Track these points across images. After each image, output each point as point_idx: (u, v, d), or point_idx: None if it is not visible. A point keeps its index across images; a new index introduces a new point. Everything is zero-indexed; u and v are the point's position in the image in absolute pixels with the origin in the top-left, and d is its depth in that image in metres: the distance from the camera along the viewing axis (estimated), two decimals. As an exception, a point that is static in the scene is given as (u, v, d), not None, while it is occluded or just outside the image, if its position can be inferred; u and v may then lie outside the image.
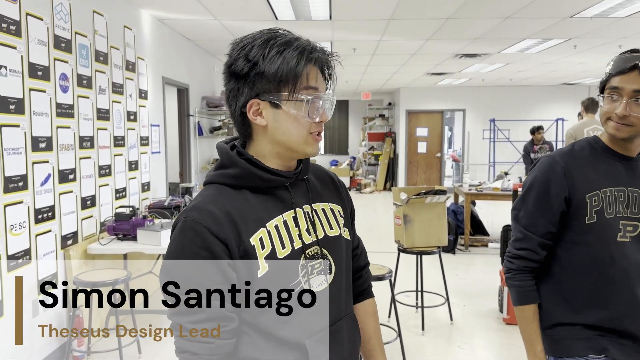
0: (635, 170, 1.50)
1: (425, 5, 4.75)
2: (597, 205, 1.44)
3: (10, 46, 2.89)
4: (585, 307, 1.46)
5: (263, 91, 1.01)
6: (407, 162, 12.61)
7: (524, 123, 10.74)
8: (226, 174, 1.06)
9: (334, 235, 1.13)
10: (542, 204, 1.48)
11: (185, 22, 5.39)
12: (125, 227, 3.75)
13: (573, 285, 1.48)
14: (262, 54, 1.00)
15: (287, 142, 1.05)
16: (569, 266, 1.49)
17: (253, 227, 1.01)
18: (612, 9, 4.87)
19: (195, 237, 0.97)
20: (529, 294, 1.51)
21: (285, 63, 0.99)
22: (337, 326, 1.10)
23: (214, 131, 7.03)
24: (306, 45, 1.02)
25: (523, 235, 1.51)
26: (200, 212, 0.99)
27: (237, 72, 1.02)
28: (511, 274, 1.53)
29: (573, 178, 1.45)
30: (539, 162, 1.54)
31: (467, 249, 6.50)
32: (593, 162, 1.49)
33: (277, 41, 1.01)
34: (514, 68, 8.96)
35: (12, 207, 2.92)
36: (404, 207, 4.06)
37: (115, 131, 4.21)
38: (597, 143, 1.52)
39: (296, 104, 1.02)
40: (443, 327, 4.08)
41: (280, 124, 1.03)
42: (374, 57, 7.69)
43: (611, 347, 1.44)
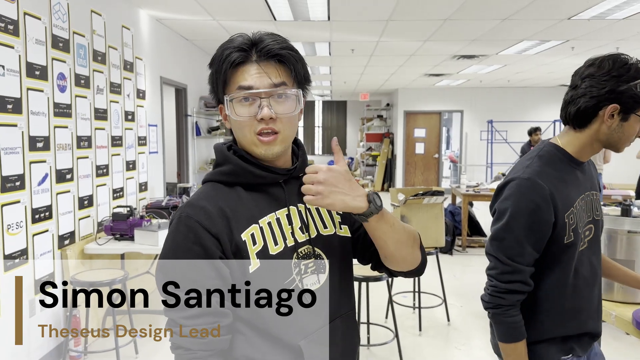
0: (585, 172, 1.51)
1: (424, 6, 4.76)
2: (573, 224, 1.42)
3: (8, 45, 2.89)
4: (557, 325, 1.46)
5: (220, 95, 1.06)
6: (404, 163, 12.62)
7: (521, 124, 10.76)
8: (220, 171, 1.08)
9: (328, 234, 1.12)
10: (531, 232, 1.39)
11: (183, 22, 5.38)
12: (122, 227, 3.75)
13: (547, 307, 1.46)
14: (211, 62, 1.06)
15: (241, 143, 1.07)
16: (543, 288, 1.45)
17: (245, 223, 1.02)
18: (610, 11, 4.88)
19: (189, 232, 0.98)
20: (521, 330, 1.44)
21: (214, 69, 1.05)
22: (332, 325, 1.09)
23: (211, 131, 7.03)
24: (230, 44, 1.04)
25: (512, 268, 1.41)
26: (193, 208, 1.01)
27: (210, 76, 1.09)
28: (502, 309, 1.43)
29: (556, 200, 1.39)
30: (517, 186, 1.41)
31: (464, 250, 6.51)
32: (562, 176, 1.44)
33: (221, 50, 1.05)
34: (512, 69, 8.98)
35: (9, 206, 2.92)
36: (402, 208, 4.07)
37: (112, 131, 4.21)
38: (560, 152, 1.47)
39: (229, 105, 1.04)
40: (440, 328, 4.09)
41: (232, 125, 1.07)
42: (372, 58, 7.69)
43: (576, 346, 1.48)
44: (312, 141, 16.09)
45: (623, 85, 1.35)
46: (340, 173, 0.97)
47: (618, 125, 1.39)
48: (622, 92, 1.36)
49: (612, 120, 1.39)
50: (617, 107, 1.37)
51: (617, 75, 1.36)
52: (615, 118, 1.39)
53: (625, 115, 1.38)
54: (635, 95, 1.35)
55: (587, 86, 1.40)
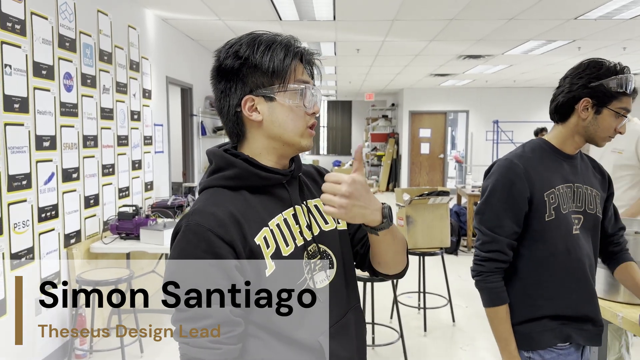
0: (576, 167, 1.65)
1: (429, 6, 4.75)
2: (554, 203, 1.55)
3: (15, 45, 2.90)
4: (548, 299, 1.56)
5: (256, 86, 1.02)
6: (410, 163, 12.59)
7: (527, 124, 10.71)
8: (223, 176, 1.05)
9: (329, 230, 1.13)
10: (507, 205, 1.55)
11: (189, 22, 5.40)
12: (128, 226, 3.76)
13: (536, 281, 1.57)
14: (252, 50, 1.01)
15: (283, 135, 1.04)
16: (530, 263, 1.57)
17: (256, 226, 1.00)
18: (617, 11, 4.85)
19: (200, 241, 0.94)
20: (501, 295, 1.56)
21: (275, 55, 1.01)
22: (345, 320, 1.10)
23: (217, 131, 7.04)
24: (291, 40, 1.05)
25: (490, 238, 1.56)
26: (203, 216, 0.97)
27: (227, 70, 1.03)
28: (482, 276, 1.58)
29: (532, 178, 1.55)
30: (497, 166, 1.61)
31: (469, 251, 6.50)
32: (544, 162, 1.60)
33: (264, 38, 1.03)
34: (518, 69, 8.94)
35: (16, 205, 2.93)
36: (407, 208, 4.06)
37: (118, 130, 4.22)
38: (546, 144, 1.65)
39: (290, 94, 1.03)
40: (445, 329, 4.08)
41: (276, 116, 1.03)
42: (378, 57, 7.68)
43: (574, 334, 1.56)
44: (317, 141, 16.08)
45: (594, 82, 1.53)
46: (362, 185, 0.96)
47: (593, 119, 1.56)
48: (593, 87, 1.53)
49: (587, 113, 1.56)
50: (590, 101, 1.54)
51: (589, 73, 1.54)
52: (590, 111, 1.55)
53: (599, 109, 1.55)
54: (606, 90, 1.52)
55: (565, 84, 1.60)
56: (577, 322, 1.57)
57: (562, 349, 1.54)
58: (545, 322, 1.55)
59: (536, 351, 1.55)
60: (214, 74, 1.07)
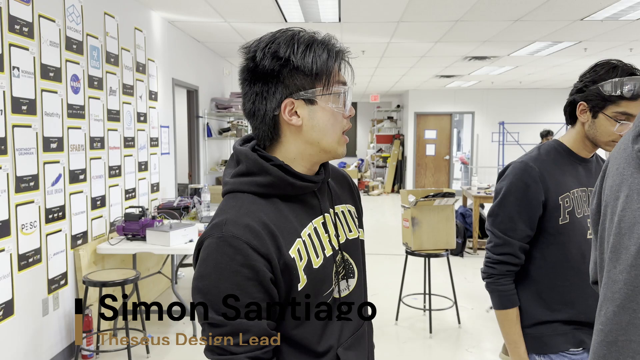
0: (591, 170, 1.62)
1: (435, 7, 4.75)
2: (569, 207, 1.53)
3: (22, 47, 2.93)
4: (561, 304, 1.53)
5: (297, 88, 0.96)
6: (415, 165, 12.58)
7: (533, 126, 10.69)
8: (255, 182, 0.97)
9: (353, 238, 1.11)
10: (521, 208, 1.53)
11: (195, 24, 5.42)
12: (134, 228, 3.78)
13: (549, 284, 1.54)
14: (292, 50, 0.94)
15: (321, 141, 0.99)
16: (543, 266, 1.55)
17: (290, 238, 0.96)
18: (623, 12, 4.83)
19: (236, 254, 0.89)
20: (511, 298, 1.56)
21: (317, 57, 0.95)
22: (361, 330, 1.09)
23: (222, 132, 7.06)
24: (332, 39, 0.99)
25: (503, 241, 1.55)
26: (238, 227, 0.91)
27: (266, 71, 0.95)
28: (493, 279, 1.58)
29: (546, 182, 1.52)
30: (512, 168, 1.58)
31: (475, 252, 6.48)
32: (559, 165, 1.57)
33: (302, 37, 0.96)
34: (524, 71, 8.92)
35: (23, 206, 2.95)
36: (412, 210, 4.05)
37: (125, 132, 4.24)
38: (561, 146, 1.61)
39: (332, 98, 0.98)
40: (451, 331, 4.07)
41: (316, 121, 0.98)
42: (383, 59, 7.69)
43: (587, 340, 1.51)
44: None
45: (590, 85, 1.49)
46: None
47: (591, 122, 1.51)
48: (588, 91, 1.50)
49: (585, 116, 1.52)
50: (585, 105, 1.51)
51: (590, 75, 1.51)
52: (588, 115, 1.52)
53: (595, 113, 1.50)
54: (599, 94, 1.47)
55: (574, 86, 1.58)
56: (591, 328, 1.53)
57: (575, 354, 1.51)
58: (557, 326, 1.52)
59: (548, 355, 1.53)
60: (247, 76, 0.98)
